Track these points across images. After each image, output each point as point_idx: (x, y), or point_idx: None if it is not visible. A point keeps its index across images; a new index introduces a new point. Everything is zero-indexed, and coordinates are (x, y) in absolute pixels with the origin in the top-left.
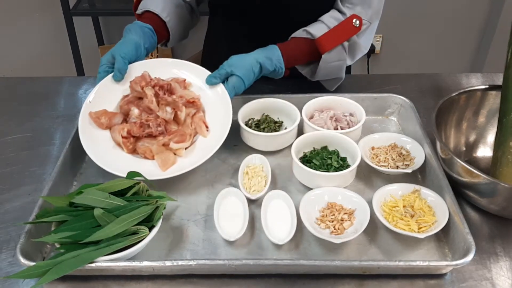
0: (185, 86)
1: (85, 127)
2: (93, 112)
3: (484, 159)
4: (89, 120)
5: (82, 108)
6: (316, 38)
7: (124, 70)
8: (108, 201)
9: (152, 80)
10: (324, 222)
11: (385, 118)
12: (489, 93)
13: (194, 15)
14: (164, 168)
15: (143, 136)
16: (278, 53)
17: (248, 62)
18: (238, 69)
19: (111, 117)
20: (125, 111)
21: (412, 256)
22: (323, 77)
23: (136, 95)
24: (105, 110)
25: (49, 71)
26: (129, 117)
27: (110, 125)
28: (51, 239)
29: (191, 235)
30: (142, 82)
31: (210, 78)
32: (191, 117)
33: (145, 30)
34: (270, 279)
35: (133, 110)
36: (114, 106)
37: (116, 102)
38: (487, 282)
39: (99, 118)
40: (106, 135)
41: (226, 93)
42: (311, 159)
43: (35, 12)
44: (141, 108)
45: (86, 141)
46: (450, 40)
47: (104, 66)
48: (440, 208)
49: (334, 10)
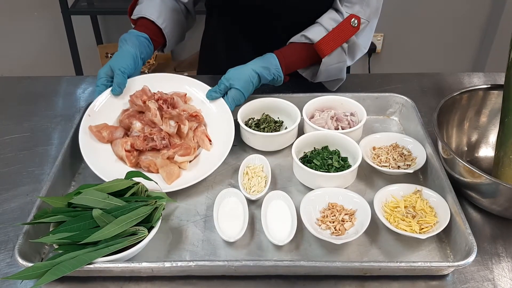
0: (185, 100)
1: (85, 141)
2: (94, 126)
3: (486, 159)
4: (89, 134)
5: (81, 122)
6: (315, 42)
7: (123, 84)
8: (107, 201)
9: (155, 94)
10: (325, 223)
11: (386, 118)
12: (491, 93)
13: (190, 17)
14: (169, 181)
15: (146, 150)
16: (276, 62)
17: (246, 74)
18: (237, 81)
19: (112, 130)
20: (126, 125)
21: (414, 257)
22: (324, 79)
23: (137, 109)
24: (106, 124)
25: (47, 70)
26: (131, 131)
27: (112, 139)
28: (49, 240)
29: (190, 236)
30: (143, 96)
31: (211, 93)
32: (193, 131)
33: (141, 40)
34: (270, 280)
35: (135, 124)
36: (114, 120)
37: (116, 116)
38: (489, 283)
39: (100, 132)
40: (107, 149)
41: (227, 106)
42: (312, 159)
43: (34, 11)
44: (143, 122)
45: (88, 155)
46: (451, 39)
47: (103, 80)
48: (441, 209)
49: (332, 10)
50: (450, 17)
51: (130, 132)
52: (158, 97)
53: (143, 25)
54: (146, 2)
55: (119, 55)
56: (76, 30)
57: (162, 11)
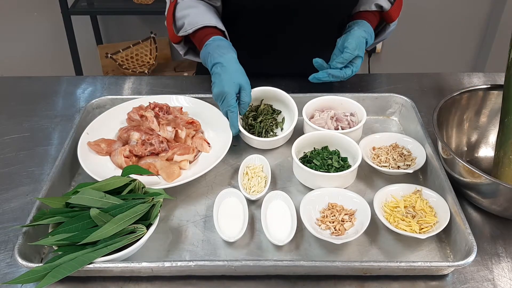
0: (181, 113)
1: (85, 156)
2: (91, 141)
3: (486, 159)
4: (88, 149)
5: (80, 139)
6: (387, 10)
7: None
8: (104, 200)
9: (150, 104)
10: (325, 223)
11: (386, 118)
12: (491, 93)
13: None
14: (169, 180)
15: (145, 155)
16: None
17: (362, 42)
18: (361, 51)
19: (110, 143)
20: (124, 139)
21: (413, 257)
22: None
23: (135, 124)
24: (103, 138)
25: (47, 71)
26: (129, 141)
27: (110, 150)
28: (48, 242)
29: (190, 236)
30: (139, 110)
31: (336, 64)
32: (191, 138)
33: (231, 45)
34: (270, 280)
35: (133, 134)
36: (112, 137)
37: (114, 134)
38: (488, 283)
39: (98, 145)
40: (106, 160)
41: (222, 115)
42: (312, 159)
43: (34, 11)
44: (141, 131)
45: (88, 166)
46: (451, 39)
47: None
48: (441, 209)
49: None
50: (450, 17)
51: (128, 143)
52: (154, 105)
53: (209, 33)
54: (194, 14)
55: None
56: (76, 30)
57: (213, 16)
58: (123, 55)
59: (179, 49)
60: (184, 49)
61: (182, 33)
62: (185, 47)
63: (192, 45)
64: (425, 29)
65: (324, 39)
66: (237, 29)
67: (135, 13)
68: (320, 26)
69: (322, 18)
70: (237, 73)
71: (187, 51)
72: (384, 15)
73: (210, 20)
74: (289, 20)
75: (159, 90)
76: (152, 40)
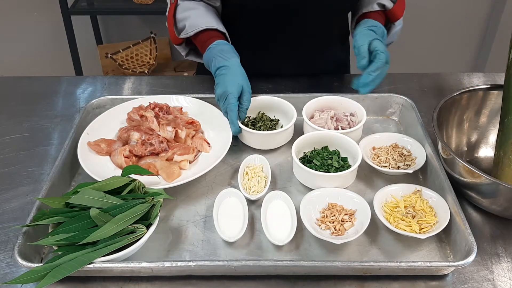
0: (181, 113)
1: (85, 156)
2: (91, 141)
3: (485, 159)
4: (88, 149)
5: (80, 139)
6: (390, 8)
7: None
8: (104, 200)
9: (150, 104)
10: (325, 223)
11: (386, 118)
12: (490, 93)
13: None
14: (169, 180)
15: (145, 155)
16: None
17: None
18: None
19: (110, 143)
20: (124, 139)
21: (413, 257)
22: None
23: (135, 124)
24: (103, 138)
25: (47, 71)
26: (129, 141)
27: (110, 150)
28: (48, 242)
29: (190, 236)
30: (139, 110)
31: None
32: (191, 138)
33: (234, 49)
34: (270, 280)
35: (133, 134)
36: (112, 137)
37: (113, 135)
38: (488, 283)
39: (98, 145)
40: (106, 160)
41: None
42: (312, 159)
43: (34, 11)
44: (141, 132)
45: (88, 166)
46: (451, 39)
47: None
48: (441, 209)
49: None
50: (450, 17)
51: (128, 143)
52: (154, 105)
53: (212, 36)
54: (194, 16)
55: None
56: (76, 30)
57: (213, 18)
58: (123, 55)
59: (181, 51)
60: (186, 50)
61: (183, 35)
62: (186, 48)
63: (194, 46)
64: (425, 29)
65: (324, 39)
66: (237, 29)
67: (135, 13)
68: (320, 26)
69: (322, 18)
70: (241, 76)
71: (188, 52)
72: (388, 14)
73: (211, 23)
74: (289, 20)
75: (159, 90)
76: (152, 40)
